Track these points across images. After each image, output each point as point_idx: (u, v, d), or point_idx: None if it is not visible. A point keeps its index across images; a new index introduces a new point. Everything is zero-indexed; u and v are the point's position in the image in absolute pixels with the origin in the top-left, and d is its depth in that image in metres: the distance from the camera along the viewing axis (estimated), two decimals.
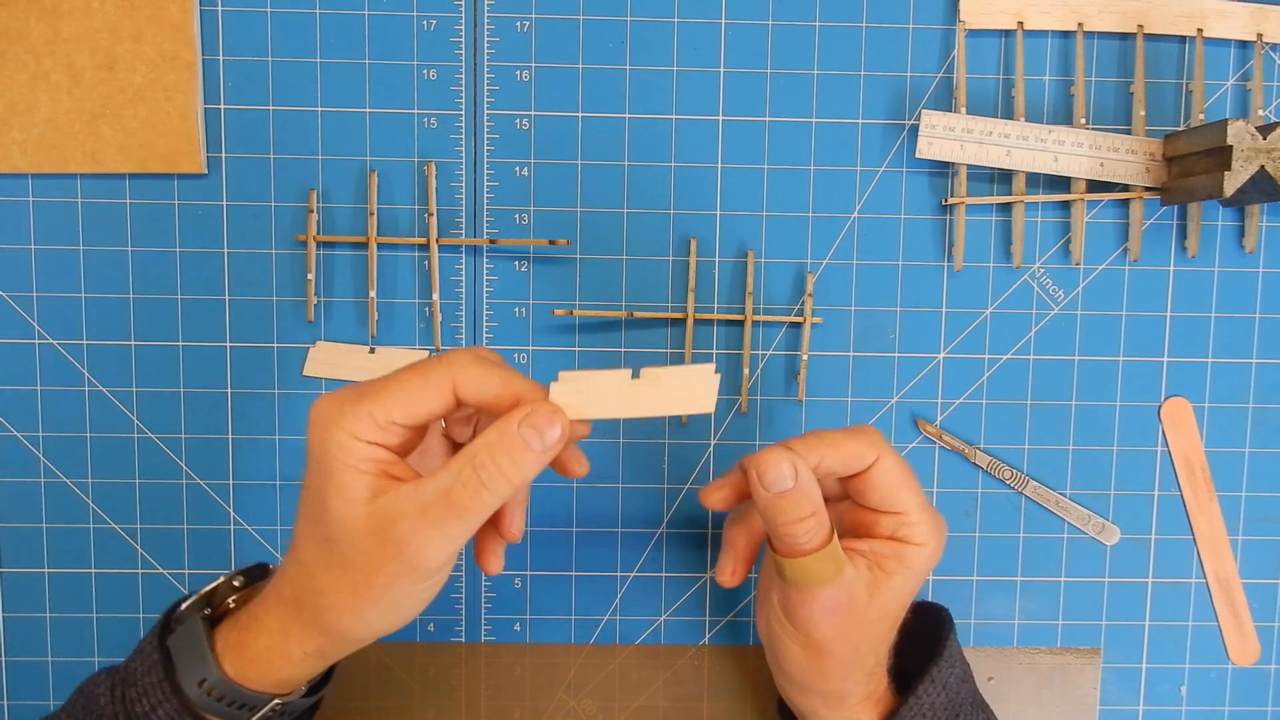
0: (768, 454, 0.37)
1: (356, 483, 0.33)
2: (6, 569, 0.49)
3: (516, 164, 0.49)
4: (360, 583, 0.34)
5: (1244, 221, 0.50)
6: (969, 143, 0.48)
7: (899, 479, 0.39)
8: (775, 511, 0.37)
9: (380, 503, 0.33)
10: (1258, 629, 0.51)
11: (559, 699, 0.51)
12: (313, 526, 0.35)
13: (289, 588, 0.36)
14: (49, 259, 0.48)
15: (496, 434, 0.33)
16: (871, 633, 0.39)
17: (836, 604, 0.38)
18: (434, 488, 0.33)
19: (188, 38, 0.47)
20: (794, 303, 0.50)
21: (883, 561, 0.39)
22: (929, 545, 0.39)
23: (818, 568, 0.37)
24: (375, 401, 0.33)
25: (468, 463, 0.33)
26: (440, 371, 0.34)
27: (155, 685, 0.36)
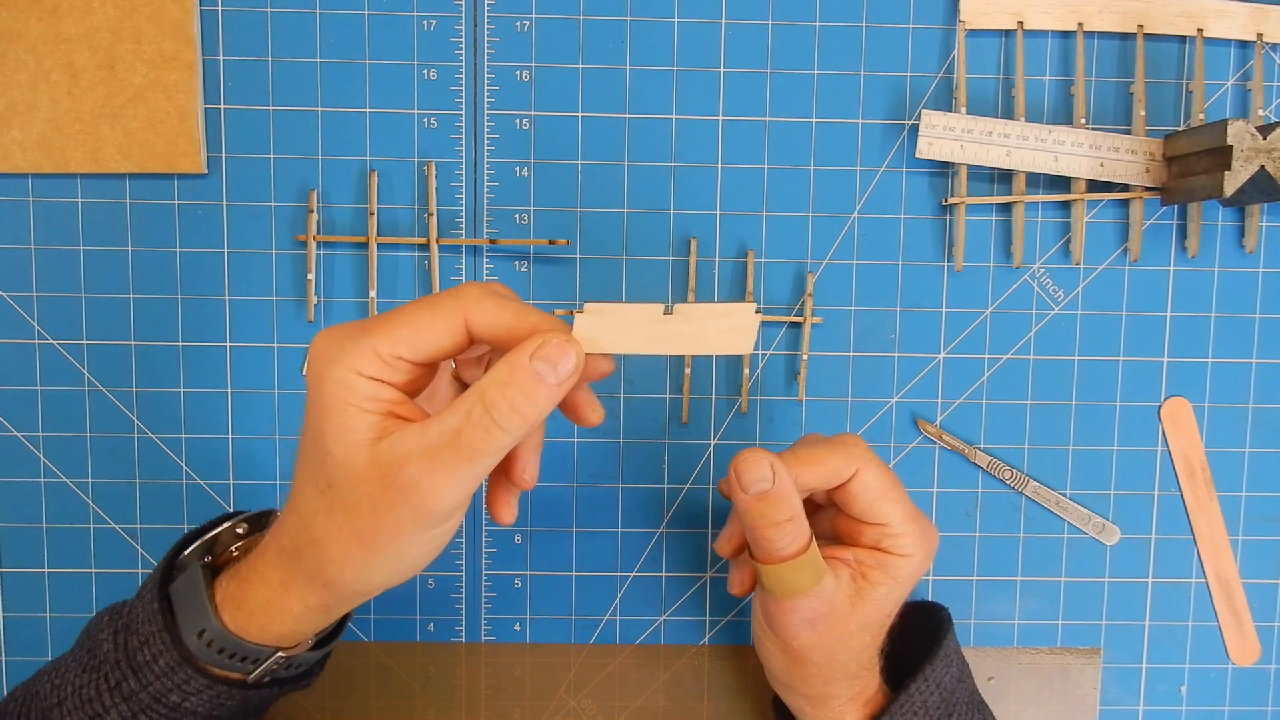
0: (748, 454, 0.36)
1: (359, 423, 0.31)
2: (6, 569, 0.49)
3: (516, 164, 0.49)
4: (364, 531, 0.32)
5: (1244, 221, 0.50)
6: (969, 143, 0.48)
7: (880, 491, 0.38)
8: (753, 514, 0.36)
9: (385, 444, 0.31)
10: (1258, 629, 0.51)
11: (559, 699, 0.51)
12: (312, 471, 0.32)
13: (288, 538, 0.34)
14: (49, 259, 0.48)
15: (507, 369, 0.31)
16: (852, 642, 0.39)
17: (815, 615, 0.38)
18: (442, 428, 0.31)
19: (188, 38, 0.47)
20: (794, 303, 0.50)
21: (867, 571, 0.38)
22: (914, 556, 0.38)
23: (794, 576, 0.37)
24: (379, 335, 0.31)
25: (478, 401, 0.31)
26: (450, 305, 0.32)
27: (155, 634, 0.35)
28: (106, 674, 0.35)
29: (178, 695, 0.35)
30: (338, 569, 0.33)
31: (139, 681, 0.35)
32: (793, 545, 0.37)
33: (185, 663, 0.34)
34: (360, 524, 0.32)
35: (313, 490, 0.32)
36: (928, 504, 0.51)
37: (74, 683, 0.36)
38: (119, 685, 0.35)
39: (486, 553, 0.50)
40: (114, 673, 0.35)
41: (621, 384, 0.50)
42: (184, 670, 0.34)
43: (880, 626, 0.40)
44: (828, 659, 0.39)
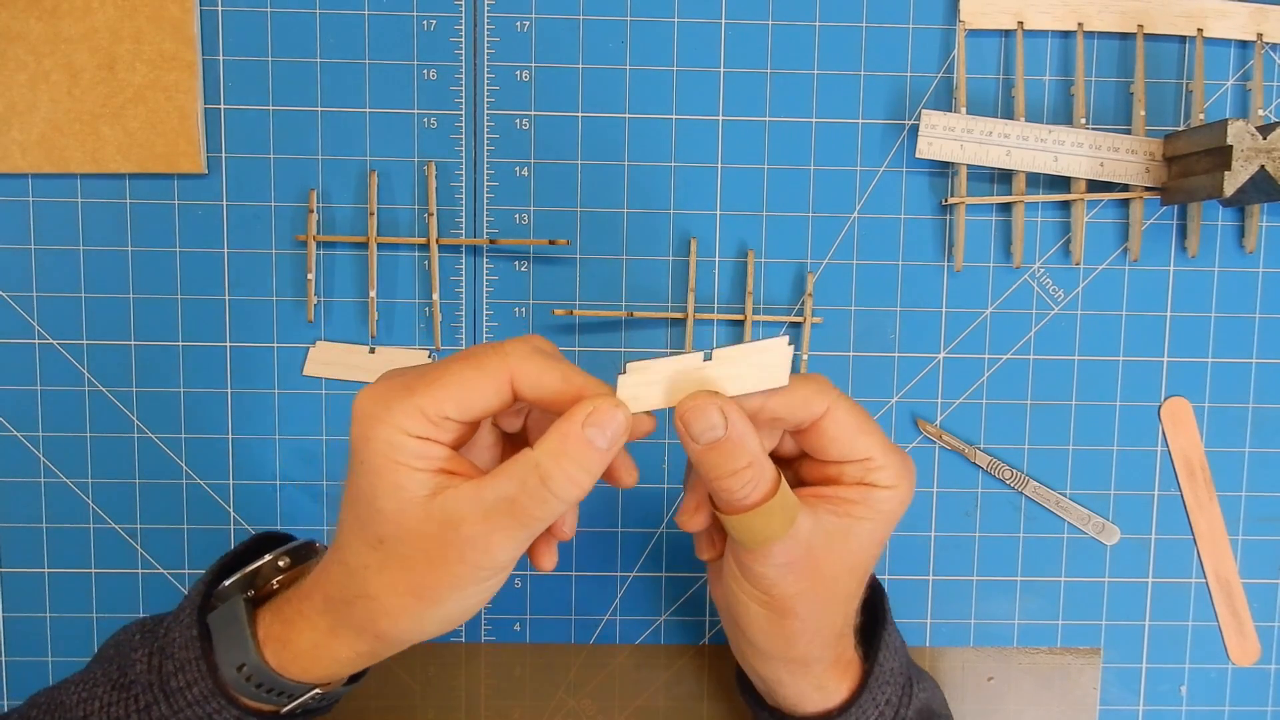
0: (691, 400, 0.32)
1: (411, 481, 0.31)
2: (6, 569, 0.49)
3: (516, 164, 0.49)
4: (419, 584, 0.32)
5: (1244, 221, 0.50)
6: (969, 143, 0.48)
7: (857, 425, 0.35)
8: (708, 465, 0.33)
9: (440, 502, 0.31)
10: (1258, 629, 0.51)
11: (559, 699, 0.51)
12: (360, 527, 0.33)
13: (335, 589, 0.34)
14: (49, 259, 0.48)
15: (560, 439, 0.31)
16: (838, 590, 0.36)
17: (792, 559, 0.34)
18: (497, 494, 0.31)
19: (188, 38, 0.47)
20: (794, 303, 0.50)
21: (850, 508, 0.35)
22: (899, 488, 0.35)
23: (763, 524, 0.33)
24: (426, 395, 0.31)
25: (532, 472, 0.31)
26: (497, 364, 0.32)
27: (191, 662, 0.35)
28: (137, 695, 0.35)
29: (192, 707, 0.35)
30: (391, 621, 0.33)
31: (170, 707, 0.35)
32: (757, 491, 0.33)
33: (219, 693, 0.34)
34: (416, 578, 0.32)
35: (362, 545, 0.33)
36: (928, 504, 0.51)
37: (103, 699, 0.36)
38: (149, 708, 0.35)
39: None
40: (145, 694, 0.35)
41: None
42: (217, 700, 0.34)
43: (864, 571, 0.37)
44: (814, 610, 0.36)
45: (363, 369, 0.49)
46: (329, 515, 0.50)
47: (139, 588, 0.50)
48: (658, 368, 0.33)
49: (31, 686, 0.50)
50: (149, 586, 0.50)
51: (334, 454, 0.50)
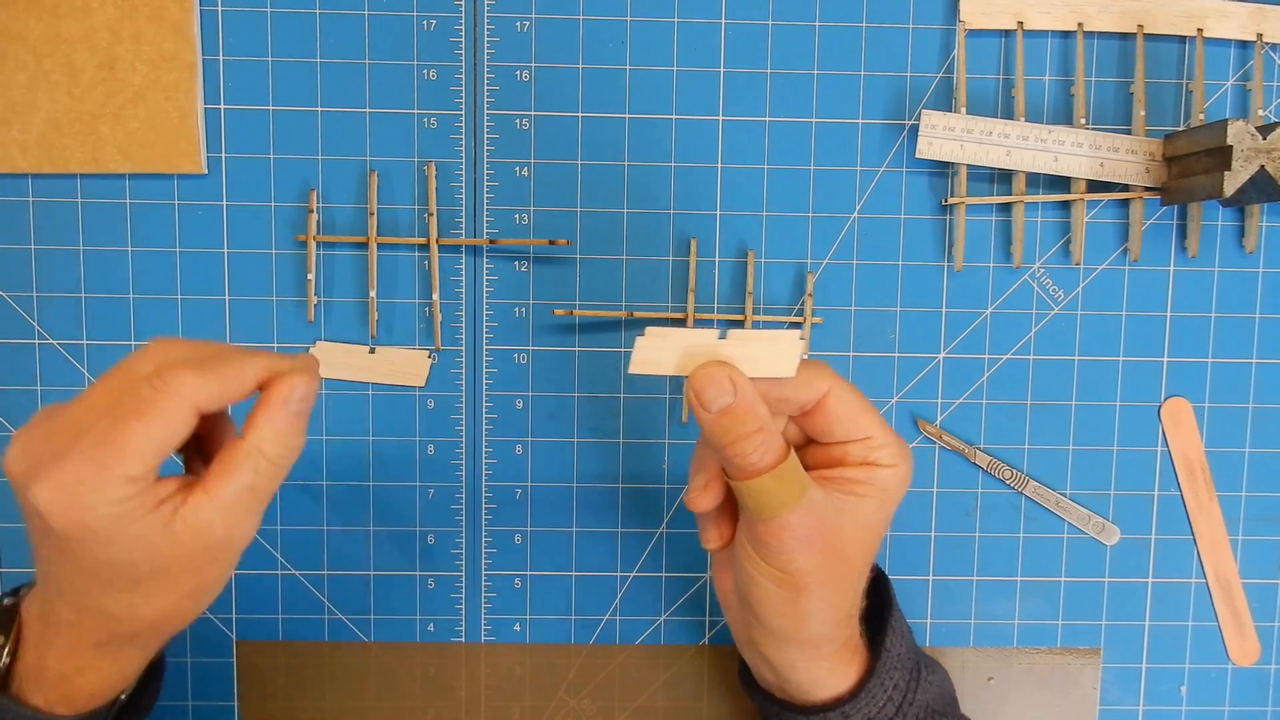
0: (703, 370, 0.34)
1: (147, 527, 0.32)
2: (6, 569, 0.49)
3: (516, 164, 0.49)
4: (193, 590, 0.34)
5: (1244, 221, 0.50)
6: (969, 143, 0.48)
7: (857, 405, 0.37)
8: (720, 431, 0.34)
9: (180, 522, 0.32)
10: (1258, 629, 0.51)
11: (559, 699, 0.51)
12: (108, 584, 0.33)
13: (106, 635, 0.34)
14: (49, 259, 0.48)
15: (271, 424, 0.34)
16: (849, 567, 0.37)
17: (808, 530, 0.35)
18: (235, 486, 0.33)
19: (188, 38, 0.47)
20: (794, 303, 0.50)
21: (855, 486, 0.37)
22: (899, 466, 0.37)
23: (776, 488, 0.35)
24: (122, 463, 0.31)
25: (260, 458, 0.33)
26: (173, 402, 0.32)
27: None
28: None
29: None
30: (174, 626, 0.35)
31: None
32: (769, 454, 0.35)
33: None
34: (187, 587, 0.34)
35: (119, 594, 0.33)
36: (928, 504, 0.51)
37: None
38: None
39: (486, 553, 0.50)
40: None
41: (621, 384, 0.50)
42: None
43: (871, 549, 0.38)
44: (827, 585, 0.37)
45: (363, 370, 0.49)
46: (329, 515, 0.50)
47: None
48: (675, 336, 0.35)
49: None
50: None
51: (334, 454, 0.50)
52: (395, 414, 0.50)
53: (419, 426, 0.50)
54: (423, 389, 0.50)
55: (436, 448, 0.50)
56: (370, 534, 0.50)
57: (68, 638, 0.34)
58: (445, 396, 0.50)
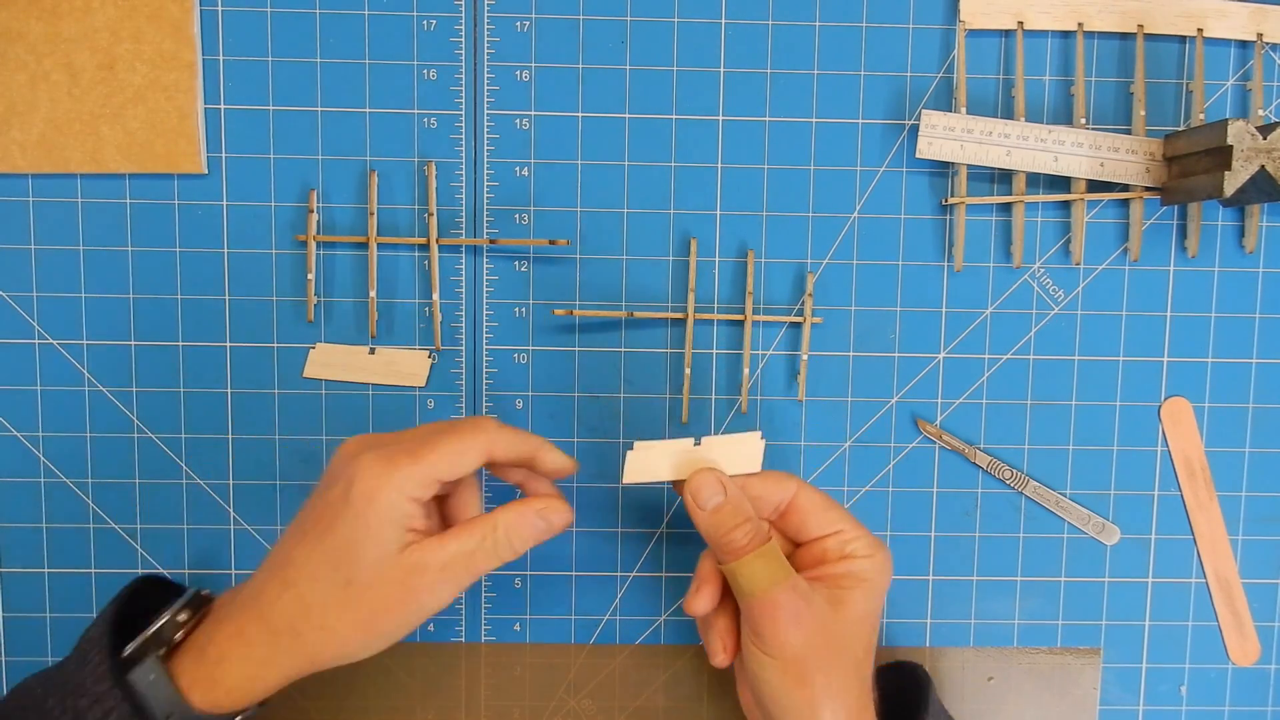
0: (697, 476, 0.41)
1: (395, 536, 0.37)
2: (6, 569, 0.49)
3: (516, 164, 0.49)
4: (374, 623, 0.38)
5: (1244, 221, 0.50)
6: (969, 143, 0.48)
7: (823, 503, 0.42)
8: (713, 526, 0.41)
9: (408, 555, 0.37)
10: (1258, 629, 0.51)
11: (559, 699, 0.51)
12: (331, 569, 0.37)
13: (284, 622, 0.37)
14: (49, 259, 0.48)
15: (519, 515, 0.39)
16: (846, 653, 0.40)
17: (797, 609, 0.40)
18: (459, 549, 0.38)
19: (188, 38, 0.47)
20: (794, 303, 0.50)
21: (838, 580, 0.41)
22: (875, 556, 0.41)
23: (763, 565, 0.40)
24: (425, 464, 0.37)
25: (490, 532, 0.38)
26: (476, 440, 0.38)
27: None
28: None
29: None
30: (338, 649, 0.38)
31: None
32: (755, 540, 0.41)
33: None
34: (372, 617, 0.37)
35: (329, 585, 0.37)
36: (928, 504, 0.51)
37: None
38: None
39: None
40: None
41: (621, 384, 0.50)
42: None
43: (868, 639, 0.41)
44: (827, 673, 0.40)
45: (363, 370, 0.49)
46: None
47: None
48: (659, 447, 0.42)
49: None
50: None
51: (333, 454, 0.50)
52: (395, 414, 0.50)
53: None
54: (423, 389, 0.50)
55: None
56: None
57: (249, 616, 0.38)
58: (445, 396, 0.50)
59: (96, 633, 0.38)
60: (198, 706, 0.37)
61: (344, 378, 0.49)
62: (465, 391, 0.50)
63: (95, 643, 0.37)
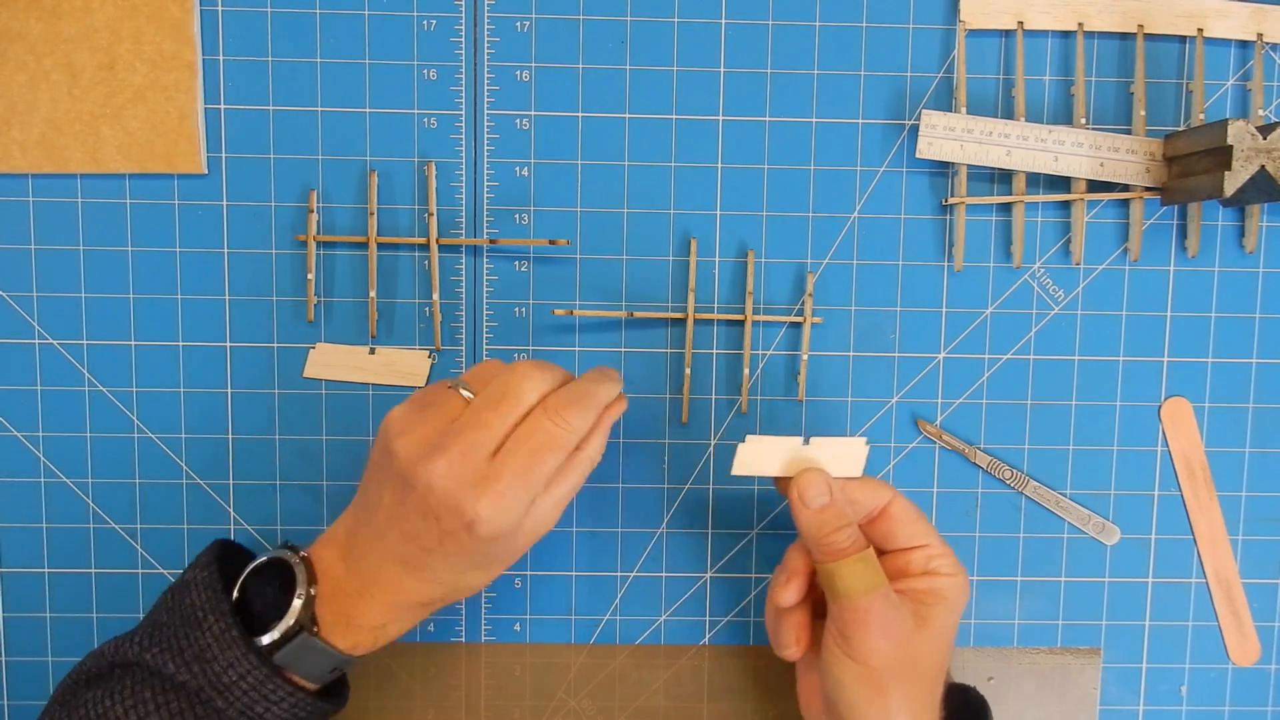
0: (805, 475, 0.42)
1: (519, 530, 0.40)
2: (6, 569, 0.49)
3: (516, 164, 0.49)
4: (509, 563, 0.42)
5: (1244, 221, 0.50)
6: (969, 143, 0.48)
7: (915, 514, 0.43)
8: (817, 525, 0.42)
9: (530, 519, 0.40)
10: (1258, 629, 0.51)
11: (559, 699, 0.51)
12: (473, 568, 0.41)
13: (436, 597, 0.41)
14: (49, 259, 0.48)
15: (601, 437, 0.41)
16: (924, 668, 0.41)
17: (886, 620, 0.40)
18: (568, 486, 0.41)
19: (188, 38, 0.47)
20: (794, 303, 0.50)
21: (921, 595, 0.42)
22: (957, 576, 0.42)
23: (862, 570, 0.41)
24: (538, 486, 0.39)
25: (589, 462, 0.41)
26: (570, 439, 0.40)
27: (264, 684, 0.39)
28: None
29: (284, 712, 0.40)
30: (471, 591, 0.42)
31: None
32: (856, 544, 0.41)
33: (298, 690, 0.40)
34: (509, 561, 0.42)
35: (475, 573, 0.41)
36: (928, 504, 0.51)
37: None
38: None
39: None
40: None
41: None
42: (298, 694, 0.40)
43: (944, 655, 0.42)
44: (905, 684, 0.41)
45: (363, 370, 0.49)
46: (329, 515, 0.50)
47: (139, 588, 0.50)
48: (769, 443, 0.43)
49: (32, 686, 0.50)
50: (149, 586, 0.50)
51: (334, 454, 0.50)
52: None
53: None
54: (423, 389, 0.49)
55: None
56: None
57: (398, 598, 0.41)
58: None
59: (205, 597, 0.39)
60: (356, 656, 0.41)
61: (344, 378, 0.49)
62: None
63: (212, 607, 0.39)
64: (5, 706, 0.50)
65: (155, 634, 0.39)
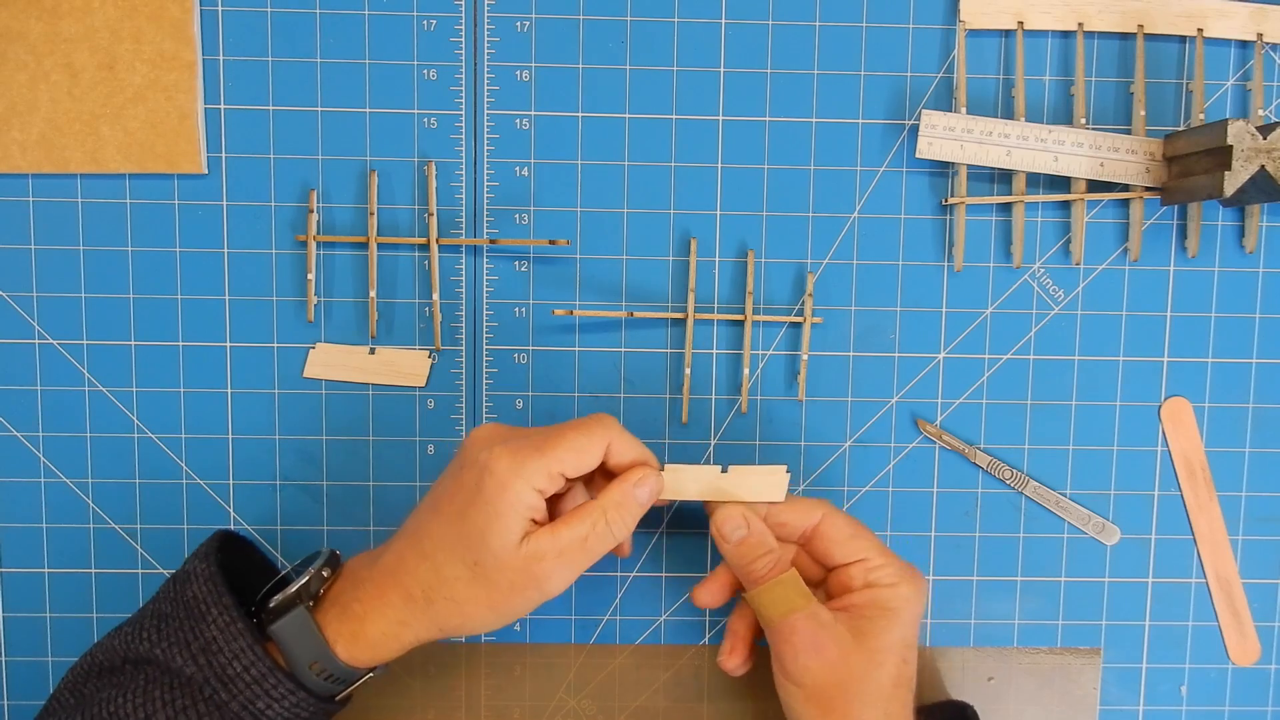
0: (722, 511, 0.44)
1: (517, 526, 0.39)
2: (6, 569, 0.49)
3: (516, 164, 0.49)
4: (496, 600, 0.40)
5: (1244, 221, 0.50)
6: (969, 143, 0.48)
7: (849, 529, 0.44)
8: (738, 556, 0.43)
9: (528, 544, 0.40)
10: (1258, 629, 0.51)
11: (559, 699, 0.51)
12: (463, 550, 0.40)
13: (420, 588, 0.40)
14: (49, 259, 0.48)
15: (620, 494, 0.41)
16: (870, 683, 0.41)
17: (816, 638, 0.41)
18: (572, 535, 0.40)
19: (188, 38, 0.47)
20: (794, 303, 0.50)
21: (861, 609, 0.42)
22: (900, 585, 0.42)
23: (783, 592, 0.42)
24: (552, 458, 0.39)
25: (600, 516, 0.41)
26: (601, 435, 0.41)
27: (266, 678, 0.39)
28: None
29: (285, 711, 0.40)
30: (463, 621, 0.41)
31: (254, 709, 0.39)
32: (775, 569, 0.43)
33: (308, 696, 0.40)
34: (496, 597, 0.40)
35: (460, 564, 0.40)
36: (928, 504, 0.51)
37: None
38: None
39: None
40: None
41: (622, 384, 0.50)
42: (299, 693, 0.39)
43: (895, 669, 0.42)
44: (850, 701, 0.41)
45: (363, 370, 0.49)
46: (329, 515, 0.50)
47: (139, 588, 0.50)
48: (689, 471, 0.44)
49: (31, 687, 0.50)
50: (149, 586, 0.50)
51: (334, 454, 0.50)
52: (395, 414, 0.50)
53: (419, 426, 0.50)
54: (423, 389, 0.50)
55: (436, 448, 0.50)
56: (370, 534, 0.50)
57: (389, 580, 0.41)
58: (445, 396, 0.50)
59: (206, 590, 0.40)
60: (341, 658, 0.40)
61: (344, 378, 0.49)
62: (465, 391, 0.50)
63: (214, 600, 0.40)
64: (5, 706, 0.50)
65: (162, 627, 0.40)
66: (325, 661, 0.40)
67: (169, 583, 0.42)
